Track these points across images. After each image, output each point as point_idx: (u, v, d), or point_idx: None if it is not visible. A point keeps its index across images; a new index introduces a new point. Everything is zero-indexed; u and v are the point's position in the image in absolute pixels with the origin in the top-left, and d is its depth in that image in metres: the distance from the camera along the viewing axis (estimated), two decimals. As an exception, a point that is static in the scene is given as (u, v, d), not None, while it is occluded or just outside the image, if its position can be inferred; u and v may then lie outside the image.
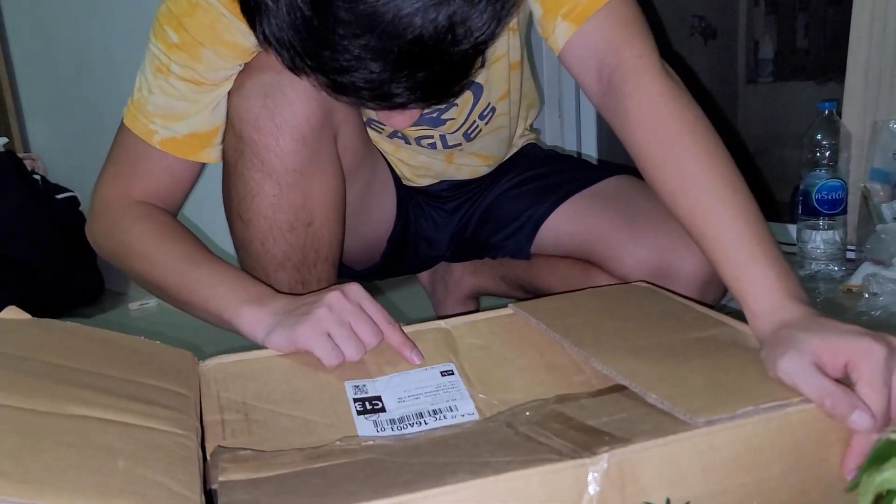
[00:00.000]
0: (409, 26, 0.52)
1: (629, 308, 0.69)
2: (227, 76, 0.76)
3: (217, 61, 0.73)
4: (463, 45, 0.55)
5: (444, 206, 1.04)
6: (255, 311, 0.66)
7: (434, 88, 0.58)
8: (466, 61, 0.57)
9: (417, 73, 0.55)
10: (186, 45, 0.72)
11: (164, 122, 0.76)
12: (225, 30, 0.72)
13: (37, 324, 0.56)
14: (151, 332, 0.63)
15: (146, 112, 0.76)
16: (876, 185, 1.27)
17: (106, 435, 0.43)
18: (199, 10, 0.71)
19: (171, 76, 0.74)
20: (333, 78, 0.56)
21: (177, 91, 0.74)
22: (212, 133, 0.78)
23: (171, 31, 0.72)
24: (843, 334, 0.51)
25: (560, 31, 0.74)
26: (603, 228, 0.91)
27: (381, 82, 0.55)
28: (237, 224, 0.79)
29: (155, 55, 0.74)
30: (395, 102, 0.58)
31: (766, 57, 2.41)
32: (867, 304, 1.05)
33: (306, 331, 0.62)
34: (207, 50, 0.72)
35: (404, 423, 0.54)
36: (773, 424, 0.47)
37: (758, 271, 0.59)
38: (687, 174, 0.66)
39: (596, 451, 0.44)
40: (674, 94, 0.70)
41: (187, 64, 0.73)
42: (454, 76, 0.58)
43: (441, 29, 0.53)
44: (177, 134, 0.76)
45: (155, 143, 0.77)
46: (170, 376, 0.55)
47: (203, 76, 0.74)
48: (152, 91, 0.75)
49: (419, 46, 0.53)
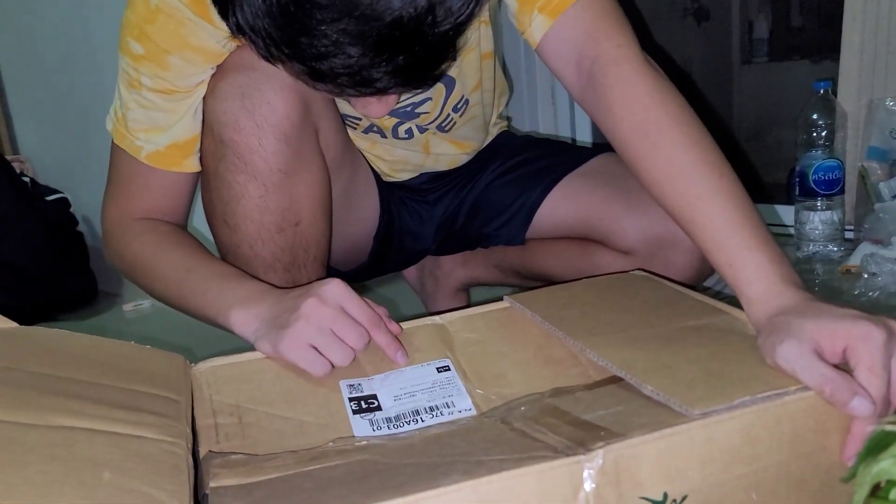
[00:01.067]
0: (388, 9, 0.51)
1: (625, 298, 0.68)
2: (199, 81, 0.74)
3: (186, 67, 0.72)
4: (443, 27, 0.54)
5: (426, 198, 1.03)
6: (242, 314, 0.66)
7: (414, 72, 0.56)
8: (446, 43, 0.56)
9: (397, 57, 0.54)
10: (152, 55, 0.71)
11: (146, 136, 0.75)
12: (191, 34, 0.70)
13: (22, 332, 0.55)
14: (146, 333, 0.62)
15: (129, 129, 0.75)
16: (873, 164, 1.25)
17: (92, 446, 0.42)
18: (161, 16, 0.69)
19: (143, 89, 0.73)
20: (311, 65, 0.55)
21: (152, 103, 0.73)
22: (192, 141, 0.77)
23: (134, 41, 0.71)
24: (840, 319, 0.50)
25: (536, 25, 0.73)
26: (601, 205, 0.92)
27: (361, 67, 0.54)
28: (222, 230, 0.78)
29: (124, 70, 0.73)
30: (375, 88, 0.57)
31: (760, 37, 2.38)
32: (866, 285, 1.04)
33: (287, 345, 0.60)
34: (174, 57, 0.71)
35: (401, 422, 0.54)
36: (771, 414, 0.46)
37: (750, 256, 0.58)
38: (674, 163, 0.65)
39: (591, 448, 0.43)
40: (656, 83, 0.69)
41: (156, 74, 0.71)
42: (434, 59, 0.57)
43: (421, 11, 0.52)
44: (159, 146, 0.76)
45: (142, 159, 0.76)
46: (160, 382, 0.54)
47: (174, 84, 0.72)
48: (128, 107, 0.74)
49: (399, 29, 0.52)
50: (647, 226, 0.86)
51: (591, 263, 0.93)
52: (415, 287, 1.21)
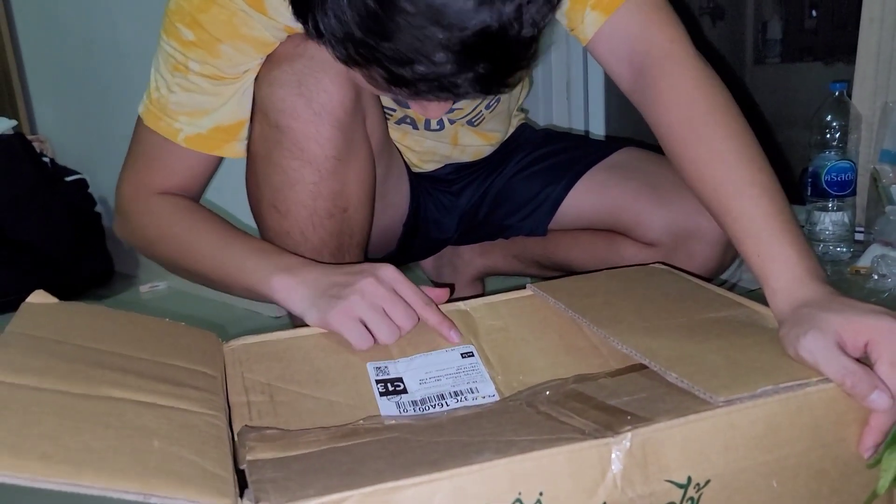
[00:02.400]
0: (474, 18, 0.52)
1: (647, 289, 0.69)
2: (248, 69, 0.75)
3: (237, 56, 0.73)
4: (525, 35, 0.55)
5: (451, 188, 1.05)
6: (287, 279, 0.67)
7: (494, 79, 0.58)
8: (526, 51, 0.57)
9: (480, 65, 0.55)
10: (203, 42, 0.71)
11: (188, 119, 0.75)
12: (243, 24, 0.71)
13: (64, 307, 0.57)
14: (162, 314, 0.64)
15: (168, 111, 0.75)
16: (885, 167, 1.26)
17: (140, 416, 0.44)
18: (215, 7, 0.70)
19: (189, 73, 0.73)
20: (392, 70, 0.56)
21: (198, 87, 0.74)
22: (237, 126, 0.77)
23: (185, 28, 0.71)
24: (863, 314, 0.51)
25: (589, 21, 0.74)
26: (627, 198, 0.94)
27: (443, 74, 0.55)
28: (271, 215, 0.78)
29: (169, 53, 0.73)
30: (455, 94, 0.58)
31: (773, 38, 2.39)
32: (875, 286, 1.05)
33: (337, 316, 0.62)
34: (226, 46, 0.72)
35: (426, 405, 0.55)
36: (793, 404, 0.48)
37: (780, 249, 0.60)
38: (714, 153, 0.67)
39: (619, 431, 0.45)
40: (706, 77, 0.71)
41: (206, 60, 0.72)
42: (514, 66, 0.58)
43: (506, 20, 0.53)
44: (201, 129, 0.76)
45: (180, 141, 0.76)
46: (196, 357, 0.56)
47: (223, 71, 0.73)
48: (172, 90, 0.74)
49: (484, 38, 0.53)
50: (672, 219, 0.88)
51: (615, 254, 0.95)
52: (430, 275, 1.22)
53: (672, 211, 0.89)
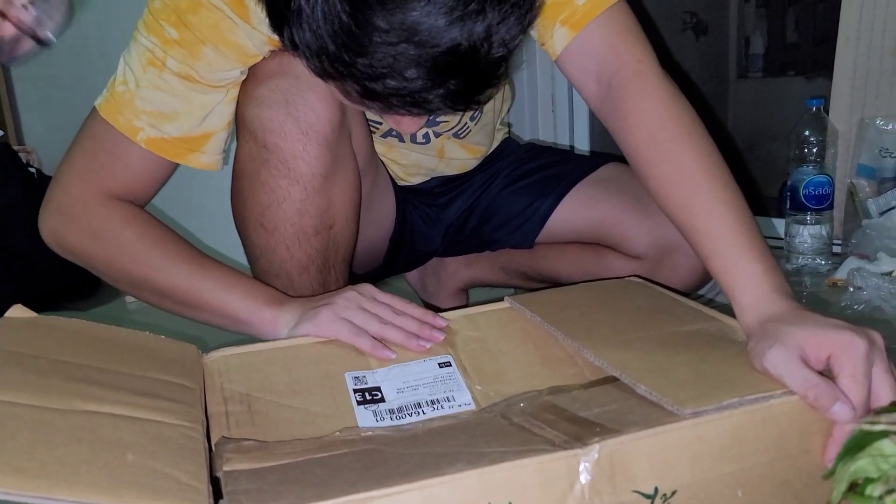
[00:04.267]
0: (445, 36, 0.54)
1: (622, 302, 0.71)
2: (224, 80, 0.74)
3: (217, 61, 0.73)
4: (495, 54, 0.56)
5: (437, 201, 1.06)
6: (276, 311, 0.69)
7: (464, 95, 0.59)
8: (497, 69, 0.59)
9: (450, 81, 0.57)
10: (187, 42, 0.71)
11: (151, 120, 0.73)
12: (228, 30, 0.71)
13: (43, 321, 0.57)
14: (148, 324, 0.64)
15: (133, 107, 0.73)
16: (862, 181, 1.29)
17: (115, 429, 0.44)
18: (203, 9, 0.70)
19: (165, 71, 0.72)
20: (366, 84, 0.57)
21: (169, 87, 0.72)
22: (203, 138, 0.76)
23: (170, 26, 0.71)
24: (826, 328, 0.53)
25: (558, 37, 0.76)
26: (614, 212, 0.96)
27: (415, 90, 0.57)
28: (258, 233, 0.79)
29: (147, 48, 0.72)
30: (426, 109, 0.59)
31: (756, 52, 2.43)
32: (851, 298, 1.07)
33: (326, 318, 0.64)
34: (208, 48, 0.72)
35: (403, 413, 0.56)
36: (758, 416, 0.49)
37: (746, 265, 0.62)
38: (681, 172, 0.68)
39: (587, 442, 0.46)
40: (673, 97, 0.73)
41: (185, 61, 0.72)
42: (484, 84, 0.60)
43: (477, 39, 0.55)
44: (165, 135, 0.74)
45: (139, 141, 0.74)
46: (175, 369, 0.56)
47: (200, 75, 0.73)
48: (140, 85, 0.72)
49: (455, 56, 0.55)
50: (657, 233, 0.90)
51: (602, 267, 0.97)
52: (415, 286, 1.23)
53: (657, 225, 0.91)
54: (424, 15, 0.53)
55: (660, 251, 0.92)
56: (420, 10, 0.53)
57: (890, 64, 1.24)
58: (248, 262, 0.85)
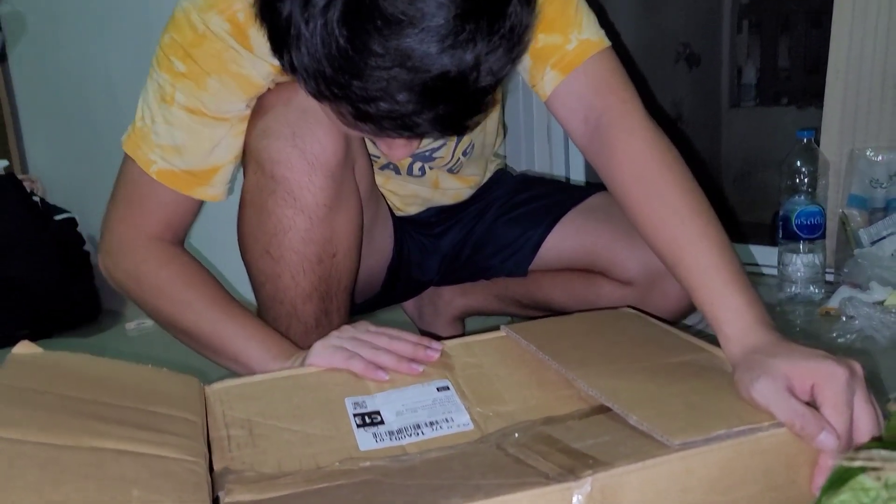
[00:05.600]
0: (437, 63, 0.56)
1: (614, 333, 0.72)
2: (229, 112, 0.77)
3: (221, 91, 0.75)
4: (483, 83, 0.59)
5: (432, 231, 1.08)
6: (283, 364, 0.72)
7: (452, 120, 0.62)
8: (484, 97, 0.61)
9: (439, 106, 0.59)
10: (192, 74, 0.74)
11: (163, 153, 0.77)
12: (232, 61, 0.74)
13: (49, 357, 0.58)
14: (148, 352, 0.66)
15: (149, 141, 0.77)
16: (853, 211, 1.31)
17: (120, 465, 0.45)
18: (207, 41, 0.73)
19: (174, 105, 0.75)
20: (359, 106, 0.60)
21: (178, 120, 0.76)
22: (208, 172, 0.79)
23: (178, 60, 0.74)
24: (809, 358, 0.55)
25: (548, 79, 0.79)
26: (604, 239, 0.98)
27: (406, 113, 0.59)
28: (264, 260, 0.81)
29: (160, 85, 0.76)
30: (415, 132, 0.62)
31: (748, 82, 2.47)
32: (843, 327, 1.08)
33: (319, 348, 0.67)
34: (213, 79, 0.74)
35: (402, 435, 0.57)
36: (746, 448, 0.50)
37: (730, 297, 0.64)
38: (666, 209, 0.71)
39: (580, 475, 0.47)
40: (656, 137, 0.76)
41: (192, 93, 0.74)
42: (472, 110, 0.62)
43: (466, 67, 0.57)
44: (174, 167, 0.78)
45: (151, 173, 0.77)
46: (178, 403, 0.57)
47: (206, 106, 0.75)
48: (155, 120, 0.76)
49: (445, 81, 0.57)
50: (647, 259, 0.92)
51: (593, 293, 0.99)
52: (412, 316, 1.25)
53: (647, 252, 0.92)
54: (418, 42, 0.55)
55: (649, 277, 0.94)
56: (414, 37, 0.55)
57: (878, 97, 1.26)
58: (252, 288, 0.86)
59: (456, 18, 0.55)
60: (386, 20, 0.55)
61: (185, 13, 0.73)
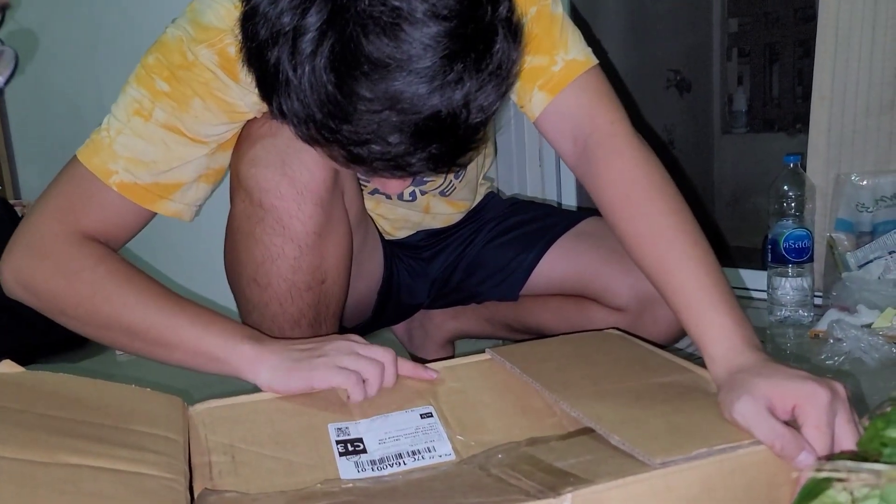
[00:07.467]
0: (427, 104, 0.57)
1: (599, 354, 0.72)
2: (209, 135, 0.76)
3: (204, 114, 0.74)
4: (474, 120, 0.60)
5: (422, 255, 1.08)
6: (256, 348, 0.67)
7: (445, 159, 0.62)
8: (476, 134, 0.62)
9: (431, 146, 0.60)
10: (176, 95, 0.73)
11: (127, 165, 0.74)
12: (219, 90, 0.74)
13: (30, 377, 0.58)
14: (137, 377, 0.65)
15: (110, 152, 0.74)
16: (841, 235, 1.32)
17: (97, 482, 0.45)
18: (196, 69, 0.73)
19: (150, 121, 0.73)
20: (351, 149, 0.60)
21: (152, 136, 0.73)
22: (174, 186, 0.77)
23: (162, 80, 0.73)
24: (791, 379, 0.55)
25: (537, 101, 0.80)
26: (595, 265, 0.98)
27: (398, 154, 0.59)
28: (251, 288, 0.81)
29: (135, 98, 0.73)
30: (408, 172, 0.62)
31: (739, 109, 2.51)
32: (832, 350, 1.08)
33: (322, 369, 0.65)
34: (197, 101, 0.74)
35: (384, 464, 0.57)
36: (726, 465, 0.51)
37: (716, 318, 0.64)
38: (654, 229, 0.71)
39: (560, 492, 0.47)
40: (644, 157, 0.76)
41: (173, 112, 0.73)
42: (464, 147, 0.63)
43: (456, 106, 0.58)
44: (139, 180, 0.75)
45: (111, 184, 0.74)
46: (160, 422, 0.57)
47: (187, 127, 0.74)
48: (122, 132, 0.74)
49: (436, 122, 0.58)
50: (638, 286, 0.92)
51: (585, 319, 0.99)
52: (402, 339, 1.25)
53: (638, 278, 0.92)
54: (406, 84, 0.56)
55: (640, 304, 0.94)
56: (402, 79, 0.56)
57: (863, 122, 1.28)
58: (239, 316, 0.86)
59: (443, 59, 0.56)
60: (373, 64, 0.55)
61: (177, 41, 0.73)
